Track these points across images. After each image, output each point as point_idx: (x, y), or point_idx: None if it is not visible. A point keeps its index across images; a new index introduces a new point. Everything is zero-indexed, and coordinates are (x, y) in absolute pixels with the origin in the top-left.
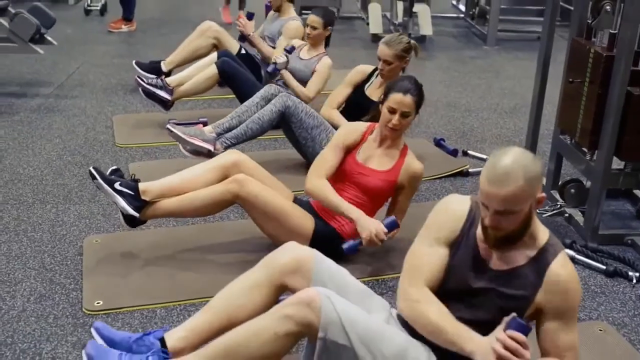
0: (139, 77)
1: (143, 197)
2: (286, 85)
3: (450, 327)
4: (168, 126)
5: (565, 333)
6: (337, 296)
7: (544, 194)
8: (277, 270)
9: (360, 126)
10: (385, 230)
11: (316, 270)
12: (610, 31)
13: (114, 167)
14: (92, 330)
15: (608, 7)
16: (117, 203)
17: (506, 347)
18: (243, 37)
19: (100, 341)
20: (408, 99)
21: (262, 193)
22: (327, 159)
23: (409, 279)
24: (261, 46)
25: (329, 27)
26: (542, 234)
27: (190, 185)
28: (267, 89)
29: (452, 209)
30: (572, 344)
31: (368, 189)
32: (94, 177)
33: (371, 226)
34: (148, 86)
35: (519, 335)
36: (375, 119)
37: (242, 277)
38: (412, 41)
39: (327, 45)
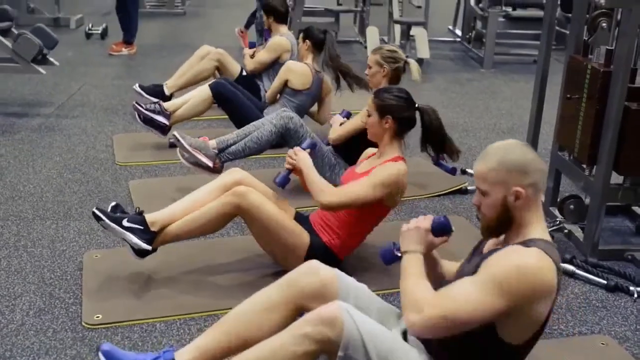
0: (137, 103)
1: (152, 229)
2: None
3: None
4: (175, 133)
5: (461, 281)
6: (358, 311)
7: (520, 189)
8: (299, 291)
9: (372, 151)
10: (299, 148)
11: (340, 293)
12: (607, 47)
13: (113, 204)
14: (100, 354)
15: (604, 24)
16: (129, 240)
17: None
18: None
19: None
20: (370, 98)
21: (262, 205)
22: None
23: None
24: None
25: (307, 41)
26: (536, 234)
27: (195, 208)
28: (283, 115)
29: None
30: (454, 290)
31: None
32: (99, 219)
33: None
34: (146, 112)
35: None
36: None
37: (258, 296)
38: (409, 59)
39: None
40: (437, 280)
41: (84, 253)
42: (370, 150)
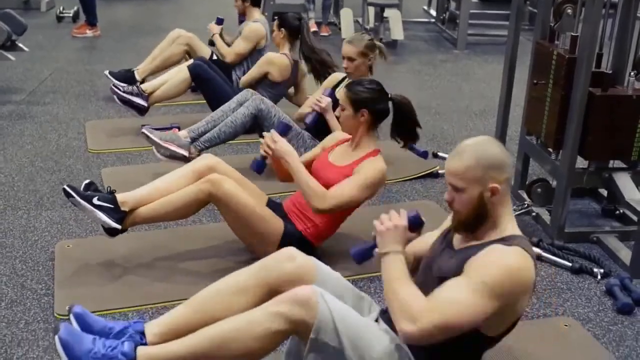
0: (114, 85)
1: (122, 208)
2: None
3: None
4: (144, 131)
5: (451, 284)
6: (333, 297)
7: (497, 185)
8: (276, 277)
9: (341, 134)
10: (275, 132)
11: (318, 280)
12: (572, 34)
13: (87, 182)
14: (71, 316)
15: (569, 11)
16: (99, 218)
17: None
18: (213, 43)
19: (76, 326)
20: (343, 92)
21: (236, 193)
22: (306, 154)
23: None
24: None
25: (282, 29)
26: (511, 230)
27: (166, 191)
28: (244, 94)
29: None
30: (446, 296)
31: (326, 182)
32: (69, 195)
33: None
34: (124, 94)
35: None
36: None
37: (233, 277)
38: (377, 42)
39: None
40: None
41: (56, 243)
42: (339, 134)
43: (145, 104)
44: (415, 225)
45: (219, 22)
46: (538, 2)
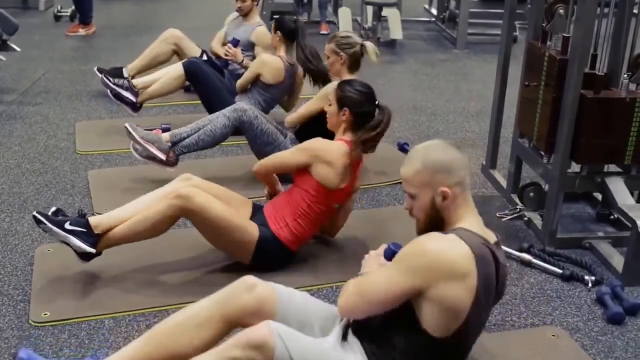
0: (105, 77)
1: (96, 231)
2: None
3: None
4: (126, 125)
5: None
6: (291, 332)
7: (446, 189)
8: (234, 310)
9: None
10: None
11: (280, 310)
12: (564, 35)
13: (54, 209)
14: None
15: (561, 11)
16: (72, 243)
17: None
18: (227, 63)
19: None
20: (334, 88)
21: (207, 205)
22: None
23: None
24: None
25: (278, 32)
26: (458, 224)
27: (141, 211)
28: (237, 107)
29: None
30: (367, 278)
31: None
32: (39, 222)
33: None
34: (114, 86)
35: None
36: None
37: (192, 309)
38: (365, 41)
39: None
40: None
41: (37, 247)
42: None
43: (135, 99)
44: (391, 257)
45: (235, 43)
46: (530, 2)
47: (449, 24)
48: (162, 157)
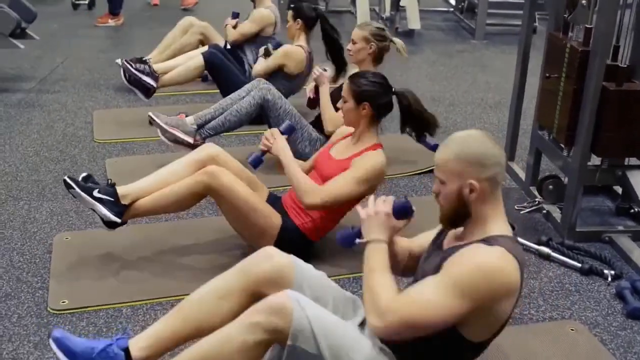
0: (126, 61)
1: (123, 202)
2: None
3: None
4: (150, 114)
5: (424, 283)
6: (309, 302)
7: (475, 182)
8: (254, 279)
9: (347, 129)
10: (278, 130)
11: (296, 280)
12: (586, 26)
13: (84, 175)
14: (51, 341)
15: (584, 2)
16: (98, 211)
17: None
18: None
19: (60, 355)
20: (346, 84)
21: (233, 186)
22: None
23: None
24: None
25: (298, 20)
26: (497, 230)
27: (167, 182)
28: (255, 83)
29: None
30: (418, 294)
31: (324, 176)
32: (69, 187)
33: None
34: (135, 71)
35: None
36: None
37: (214, 283)
38: (391, 37)
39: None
40: (397, 264)
41: (55, 235)
42: (345, 129)
43: (155, 85)
44: (402, 213)
45: (235, 16)
46: None
47: (467, 14)
48: (189, 140)
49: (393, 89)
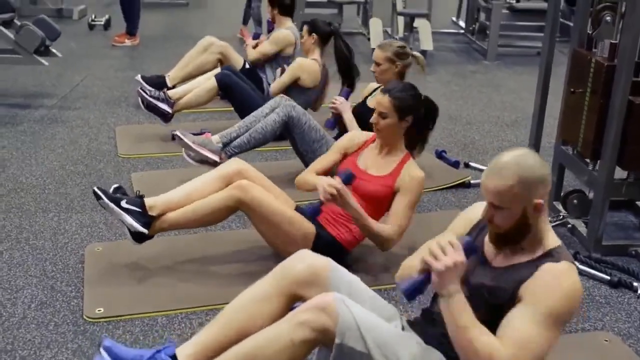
0: (141, 89)
1: (150, 213)
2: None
3: None
4: (177, 132)
5: (521, 321)
6: (353, 302)
7: (541, 201)
8: (290, 280)
9: (363, 135)
10: (339, 179)
11: (332, 280)
12: (611, 41)
13: (116, 185)
14: (102, 350)
15: (608, 18)
16: (125, 221)
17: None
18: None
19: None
20: (385, 99)
21: (265, 199)
22: (322, 159)
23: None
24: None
25: (313, 34)
26: (552, 241)
27: (194, 196)
28: (278, 100)
29: (465, 214)
30: (522, 337)
31: (366, 193)
32: (98, 197)
33: (323, 181)
34: (150, 98)
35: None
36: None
37: (252, 288)
38: (412, 52)
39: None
40: None
41: (86, 246)
42: (360, 136)
43: (170, 111)
44: (469, 254)
45: (256, 37)
46: (575, 10)
47: (478, 35)
48: (216, 158)
49: (422, 97)
